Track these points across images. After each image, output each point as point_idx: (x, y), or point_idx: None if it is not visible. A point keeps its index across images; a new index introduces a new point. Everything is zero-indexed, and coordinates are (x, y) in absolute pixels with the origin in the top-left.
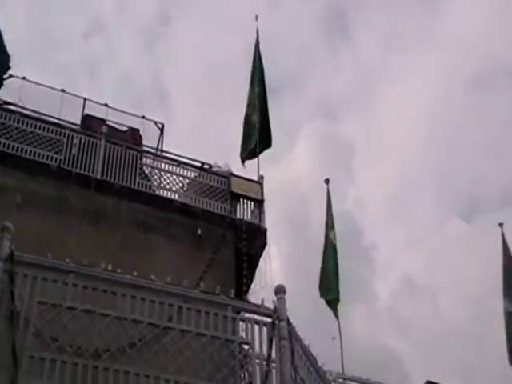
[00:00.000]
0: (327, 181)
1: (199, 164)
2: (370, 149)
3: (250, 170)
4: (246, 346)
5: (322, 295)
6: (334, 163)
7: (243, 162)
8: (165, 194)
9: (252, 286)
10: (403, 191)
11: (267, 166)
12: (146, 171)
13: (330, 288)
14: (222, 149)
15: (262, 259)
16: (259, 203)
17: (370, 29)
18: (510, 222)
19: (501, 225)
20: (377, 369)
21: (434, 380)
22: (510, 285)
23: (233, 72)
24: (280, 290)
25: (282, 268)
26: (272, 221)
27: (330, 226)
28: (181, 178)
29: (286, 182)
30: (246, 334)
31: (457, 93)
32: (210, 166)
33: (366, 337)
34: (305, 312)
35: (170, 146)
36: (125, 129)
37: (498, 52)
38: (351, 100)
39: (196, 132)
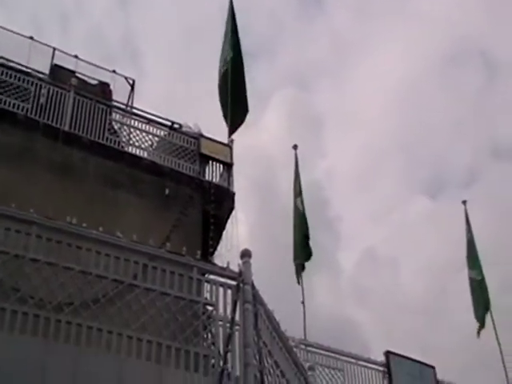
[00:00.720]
0: (295, 147)
1: (169, 123)
2: (340, 120)
3: (220, 133)
4: (210, 308)
5: (294, 260)
6: (304, 132)
7: (232, 133)
8: (134, 152)
9: (218, 248)
10: (371, 164)
11: (237, 131)
12: (116, 127)
13: (297, 254)
14: (193, 111)
15: (229, 223)
16: (228, 166)
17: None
18: (474, 200)
19: (464, 202)
20: (338, 337)
21: (393, 350)
22: (474, 257)
23: (208, 33)
24: (246, 254)
25: (248, 233)
26: (240, 185)
27: (297, 192)
28: (150, 136)
29: (256, 147)
30: (211, 296)
31: (430, 68)
32: (180, 126)
33: (329, 306)
34: (270, 278)
35: (140, 104)
36: (95, 82)
37: (473, 32)
38: (324, 70)
39: (168, 93)
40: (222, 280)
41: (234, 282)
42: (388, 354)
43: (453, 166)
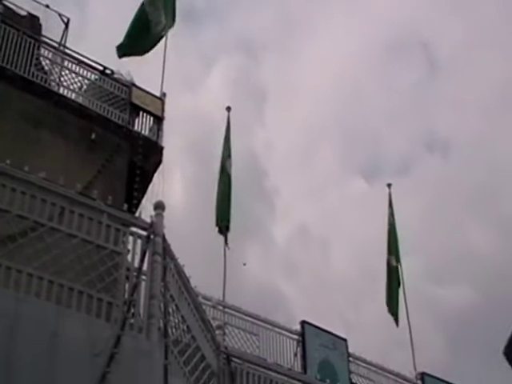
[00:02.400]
0: (228, 109)
1: (101, 68)
2: (283, 93)
3: (156, 86)
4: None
5: (217, 222)
6: (246, 100)
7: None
8: (62, 92)
9: (143, 201)
10: (312, 140)
11: (179, 89)
12: (44, 64)
13: (222, 215)
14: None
15: (156, 176)
16: (159, 120)
17: None
18: (406, 187)
19: (389, 185)
20: (264, 306)
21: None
22: (394, 242)
23: None
24: (159, 206)
25: (183, 190)
26: (177, 143)
27: (226, 155)
28: (80, 78)
29: (197, 108)
30: (119, 244)
31: (373, 54)
32: (112, 72)
33: (258, 275)
34: (202, 238)
35: (75, 46)
36: (24, 13)
37: (417, 23)
38: (272, 42)
39: (107, 40)
40: (134, 230)
41: (144, 233)
42: (303, 323)
43: (389, 153)
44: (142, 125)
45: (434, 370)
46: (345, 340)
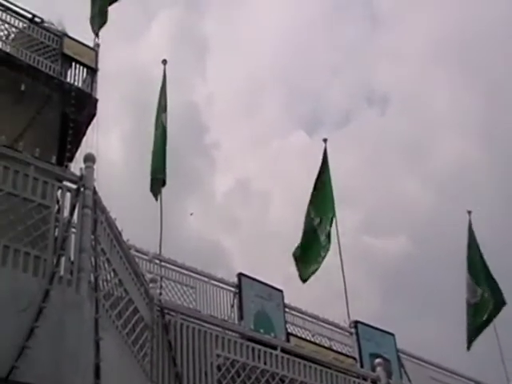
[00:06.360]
0: (164, 61)
1: (30, 16)
2: (225, 47)
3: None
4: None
5: (151, 175)
6: (187, 54)
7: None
8: None
9: (77, 155)
10: (253, 95)
11: (118, 41)
12: None
13: (157, 169)
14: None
15: (90, 130)
16: (93, 71)
17: None
18: (344, 138)
19: (325, 140)
20: (205, 260)
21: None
22: (324, 199)
23: None
24: (89, 159)
25: (121, 145)
26: (115, 98)
27: (162, 108)
28: (7, 26)
29: (136, 61)
30: (46, 197)
31: (318, 13)
32: (42, 21)
33: (199, 229)
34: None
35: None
36: None
37: None
38: None
39: None
40: (64, 183)
41: (74, 186)
42: (240, 275)
43: (330, 106)
44: (75, 76)
45: (369, 319)
46: (281, 291)
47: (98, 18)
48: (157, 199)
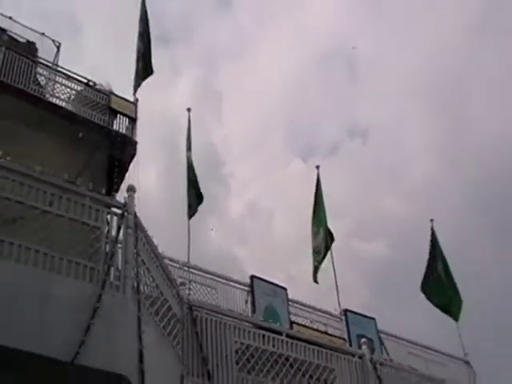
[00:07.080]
0: (189, 109)
1: (86, 80)
2: (237, 97)
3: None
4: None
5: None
6: (207, 104)
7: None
8: (54, 101)
9: (122, 187)
10: (261, 134)
11: (151, 93)
12: (40, 80)
13: (193, 199)
14: (118, 76)
15: (132, 167)
16: (133, 120)
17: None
18: (333, 164)
19: (317, 167)
20: (222, 267)
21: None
22: (319, 215)
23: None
24: (130, 189)
25: (157, 177)
26: (151, 140)
27: (188, 148)
28: (69, 90)
29: (168, 110)
30: (99, 221)
31: (310, 63)
32: (95, 84)
33: (218, 245)
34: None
35: (79, 70)
36: (23, 41)
37: (344, 33)
38: (228, 53)
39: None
40: (111, 209)
41: (119, 211)
42: (252, 277)
43: (321, 139)
44: (120, 125)
45: (357, 307)
46: (285, 289)
47: (140, 80)
48: (189, 219)
